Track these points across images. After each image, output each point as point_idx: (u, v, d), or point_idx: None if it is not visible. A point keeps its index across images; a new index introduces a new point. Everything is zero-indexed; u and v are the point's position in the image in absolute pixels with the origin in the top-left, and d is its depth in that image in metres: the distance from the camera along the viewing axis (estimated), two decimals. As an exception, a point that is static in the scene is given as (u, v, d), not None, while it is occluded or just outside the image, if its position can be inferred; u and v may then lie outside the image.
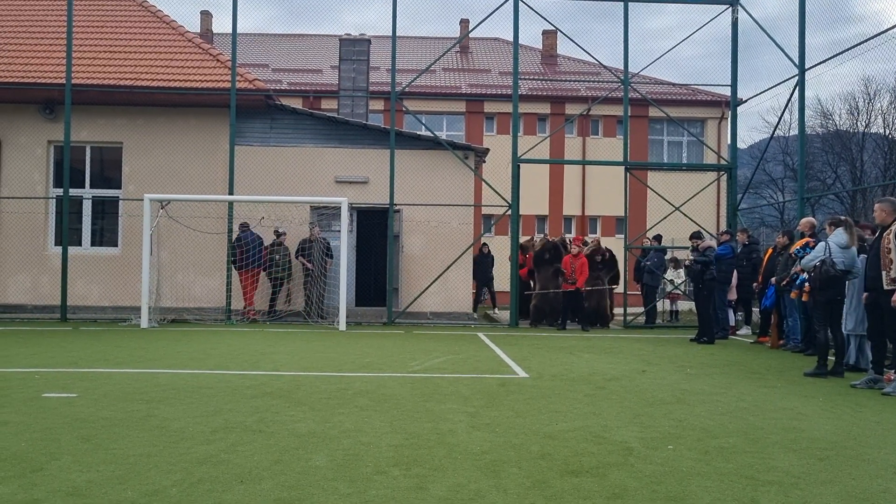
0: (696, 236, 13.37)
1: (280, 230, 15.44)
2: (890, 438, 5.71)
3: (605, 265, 15.77)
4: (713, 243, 13.79)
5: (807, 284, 9.61)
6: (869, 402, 7.29)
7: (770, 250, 12.81)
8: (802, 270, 9.96)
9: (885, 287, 7.80)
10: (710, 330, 12.77)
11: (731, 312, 14.39)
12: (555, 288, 15.35)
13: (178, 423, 5.77)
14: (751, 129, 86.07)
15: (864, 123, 36.03)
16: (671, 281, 17.29)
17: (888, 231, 7.86)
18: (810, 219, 11.84)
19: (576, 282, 14.73)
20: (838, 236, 8.92)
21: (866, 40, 12.77)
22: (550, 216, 28.50)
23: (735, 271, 13.95)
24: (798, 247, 10.65)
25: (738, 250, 14.08)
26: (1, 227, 15.88)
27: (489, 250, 19.69)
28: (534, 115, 28.52)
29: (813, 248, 9.76)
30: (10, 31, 17.27)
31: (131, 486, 4.18)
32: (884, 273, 7.83)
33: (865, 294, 8.36)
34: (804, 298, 10.04)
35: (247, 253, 15.03)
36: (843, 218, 9.28)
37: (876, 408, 6.97)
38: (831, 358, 9.17)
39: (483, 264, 19.01)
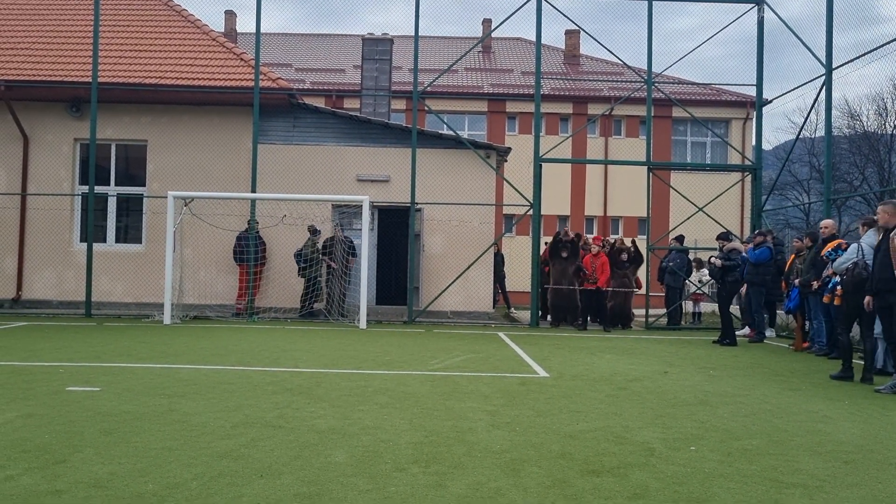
0: (722, 237, 13.19)
1: (316, 227, 15.50)
2: (918, 443, 5.61)
3: (632, 262, 15.53)
4: (738, 245, 13.61)
5: (838, 288, 9.28)
6: (895, 405, 7.17)
7: (793, 256, 12.63)
8: (834, 273, 9.62)
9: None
10: (732, 332, 12.64)
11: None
12: (568, 282, 15.19)
13: (199, 417, 5.80)
14: (776, 129, 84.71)
15: (892, 124, 35.52)
16: (692, 282, 17.11)
17: (894, 232, 7.71)
18: (832, 220, 11.60)
19: (597, 281, 14.62)
20: (871, 237, 8.58)
21: (892, 41, 12.55)
22: (572, 216, 28.38)
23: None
24: (830, 249, 10.20)
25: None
26: (28, 223, 16.10)
27: (499, 249, 19.59)
28: (556, 114, 28.41)
29: (845, 249, 9.45)
30: (37, 31, 17.52)
31: (152, 479, 4.21)
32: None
33: (869, 298, 8.09)
34: (836, 302, 9.66)
35: (244, 249, 15.34)
36: (876, 218, 8.75)
37: (903, 412, 6.85)
38: (858, 362, 8.98)
39: (494, 263, 18.91)
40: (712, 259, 12.95)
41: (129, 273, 15.93)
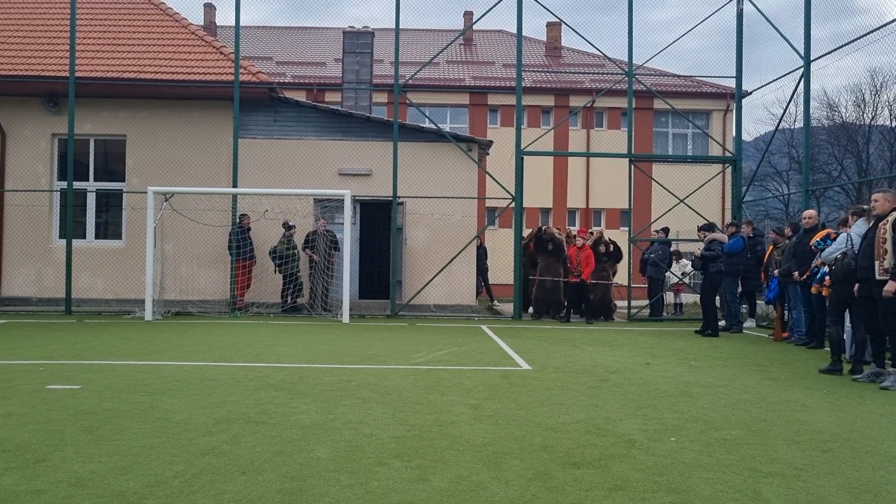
0: (704, 228, 13.25)
1: (290, 223, 15.43)
2: (893, 431, 5.69)
3: (609, 257, 15.68)
4: (720, 236, 13.69)
5: (827, 278, 9.25)
6: (872, 394, 7.27)
7: (771, 247, 12.73)
8: (823, 263, 9.48)
9: (878, 277, 7.62)
10: (714, 322, 12.74)
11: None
12: (553, 275, 15.28)
13: (180, 414, 5.78)
14: (756, 121, 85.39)
15: (870, 115, 35.95)
16: (674, 273, 17.23)
17: (884, 221, 7.65)
18: (813, 211, 11.67)
19: (581, 274, 14.69)
20: (861, 227, 8.49)
21: (869, 32, 12.69)
22: (554, 209, 28.44)
23: None
24: (818, 238, 10.05)
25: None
26: (5, 219, 15.92)
27: (481, 242, 19.64)
28: (537, 107, 28.41)
29: (834, 239, 9.34)
30: (14, 24, 17.27)
31: (133, 477, 4.19)
32: (876, 263, 7.66)
33: (857, 286, 8.10)
34: (824, 293, 9.60)
35: (235, 244, 15.20)
36: (866, 207, 8.64)
37: (879, 400, 6.94)
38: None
39: (476, 256, 18.96)
40: (696, 252, 13.04)
41: (109, 269, 15.80)
